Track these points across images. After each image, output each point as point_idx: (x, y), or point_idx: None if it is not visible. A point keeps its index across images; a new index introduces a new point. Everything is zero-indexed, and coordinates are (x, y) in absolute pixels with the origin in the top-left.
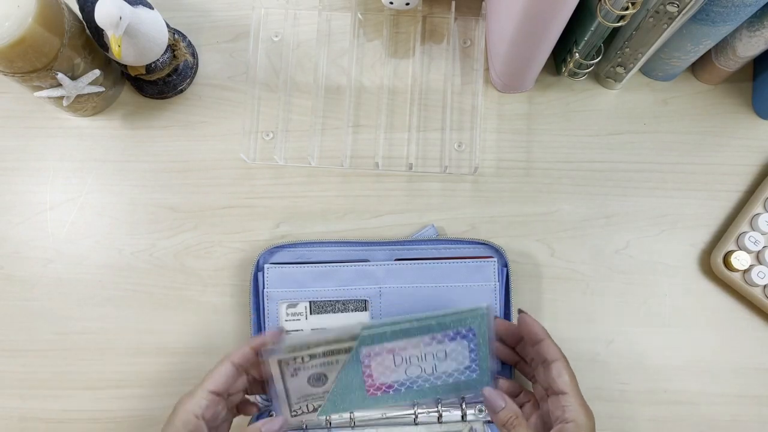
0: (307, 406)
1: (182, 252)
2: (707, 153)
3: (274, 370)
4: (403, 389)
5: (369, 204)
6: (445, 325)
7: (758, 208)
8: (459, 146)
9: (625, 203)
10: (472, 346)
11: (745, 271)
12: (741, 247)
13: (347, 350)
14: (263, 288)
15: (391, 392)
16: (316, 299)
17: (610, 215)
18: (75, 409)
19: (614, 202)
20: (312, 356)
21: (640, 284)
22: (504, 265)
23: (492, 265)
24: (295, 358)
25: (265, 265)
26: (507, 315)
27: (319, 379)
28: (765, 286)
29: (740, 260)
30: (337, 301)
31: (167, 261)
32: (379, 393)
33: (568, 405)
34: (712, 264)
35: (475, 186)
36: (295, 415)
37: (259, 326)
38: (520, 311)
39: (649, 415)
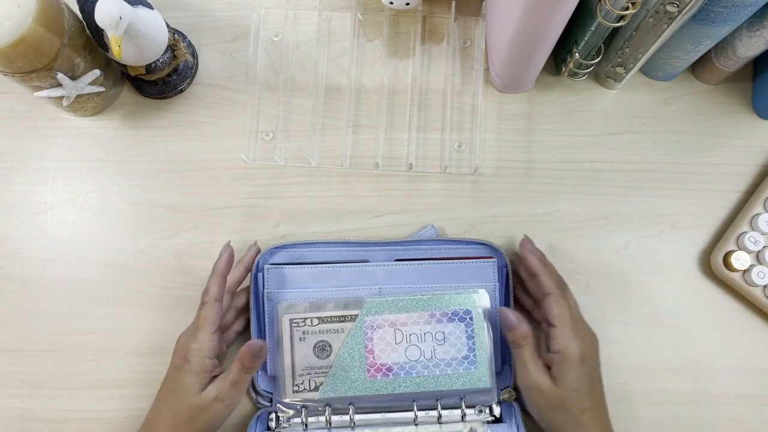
0: (309, 382)
1: (182, 252)
2: (707, 153)
3: (285, 330)
4: (402, 374)
5: (369, 204)
6: (443, 301)
7: (758, 208)
8: (459, 146)
9: (625, 203)
10: (469, 332)
11: (745, 271)
12: (741, 247)
13: (352, 318)
14: (263, 289)
15: (390, 375)
16: (316, 300)
17: (610, 215)
18: (75, 409)
19: (614, 202)
20: (321, 320)
21: (640, 284)
22: (504, 265)
23: (492, 265)
24: (305, 320)
25: (265, 266)
26: None
27: (323, 349)
28: (765, 286)
29: (740, 260)
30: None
31: (167, 261)
32: (379, 375)
33: (556, 337)
34: (712, 264)
35: (475, 186)
36: (297, 391)
37: (258, 326)
38: (524, 236)
39: (649, 415)
